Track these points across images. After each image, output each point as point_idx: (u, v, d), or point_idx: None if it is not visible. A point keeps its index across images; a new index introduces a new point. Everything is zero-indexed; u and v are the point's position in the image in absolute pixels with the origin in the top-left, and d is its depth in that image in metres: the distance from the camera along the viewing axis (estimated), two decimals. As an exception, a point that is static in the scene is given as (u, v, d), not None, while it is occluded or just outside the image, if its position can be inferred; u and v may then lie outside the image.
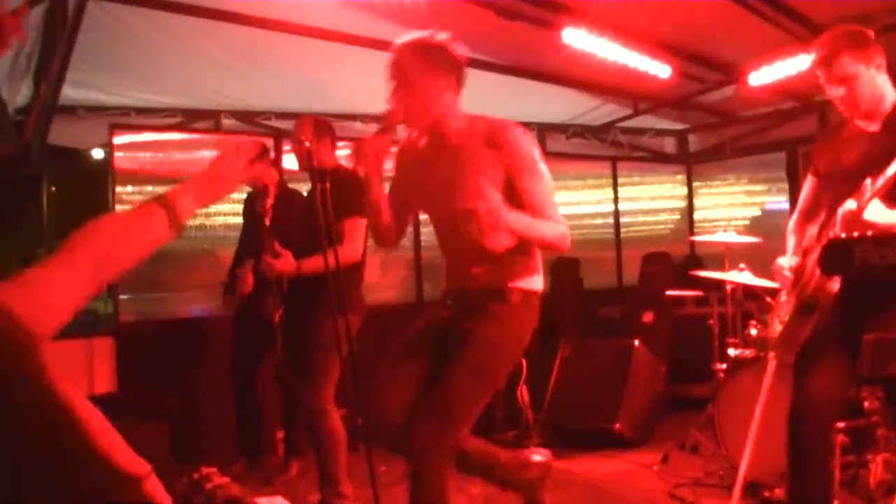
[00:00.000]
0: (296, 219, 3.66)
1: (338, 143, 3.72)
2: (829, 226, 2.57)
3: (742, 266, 4.06)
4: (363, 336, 3.44)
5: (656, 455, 4.28)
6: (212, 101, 5.23)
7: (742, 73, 5.14)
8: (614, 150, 7.19)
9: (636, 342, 4.84)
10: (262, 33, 4.10)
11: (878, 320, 2.51)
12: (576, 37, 4.27)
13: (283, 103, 5.45)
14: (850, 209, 2.41)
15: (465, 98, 2.49)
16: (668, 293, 5.57)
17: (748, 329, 4.00)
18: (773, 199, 7.04)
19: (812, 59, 2.61)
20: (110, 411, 0.89)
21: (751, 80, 5.14)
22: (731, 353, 4.03)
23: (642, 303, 5.99)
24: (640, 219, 7.53)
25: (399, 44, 2.38)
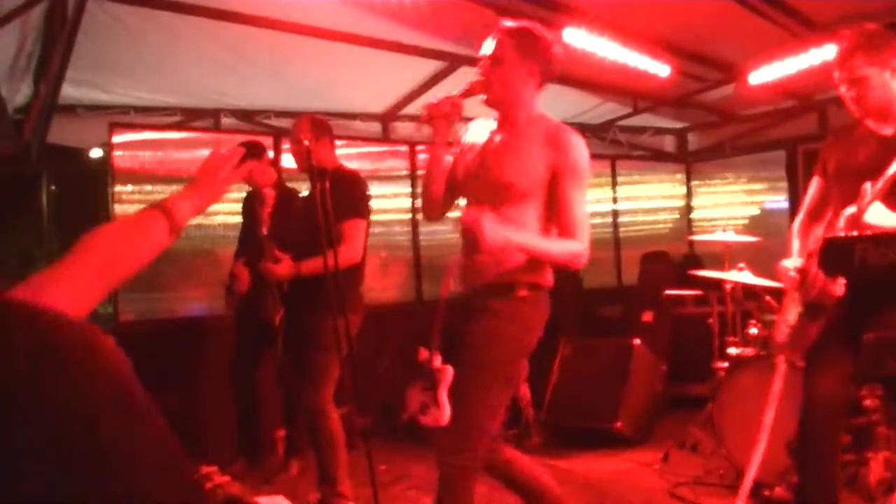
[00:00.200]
0: (295, 219, 3.66)
1: (336, 143, 3.72)
2: (835, 226, 2.57)
3: (741, 265, 4.06)
4: (363, 336, 3.44)
5: (656, 454, 4.28)
6: (211, 100, 5.22)
7: (742, 71, 5.13)
8: (613, 148, 7.18)
9: (636, 341, 4.85)
10: (261, 32, 4.09)
11: (879, 319, 2.51)
12: (576, 36, 4.27)
13: (282, 102, 5.44)
14: (851, 213, 2.41)
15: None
16: (668, 292, 5.58)
17: (748, 328, 4.01)
18: (773, 199, 7.03)
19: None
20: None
21: (750, 79, 5.13)
22: (731, 351, 4.03)
23: (642, 302, 5.99)
24: (639, 218, 7.51)
25: (506, 24, 2.47)
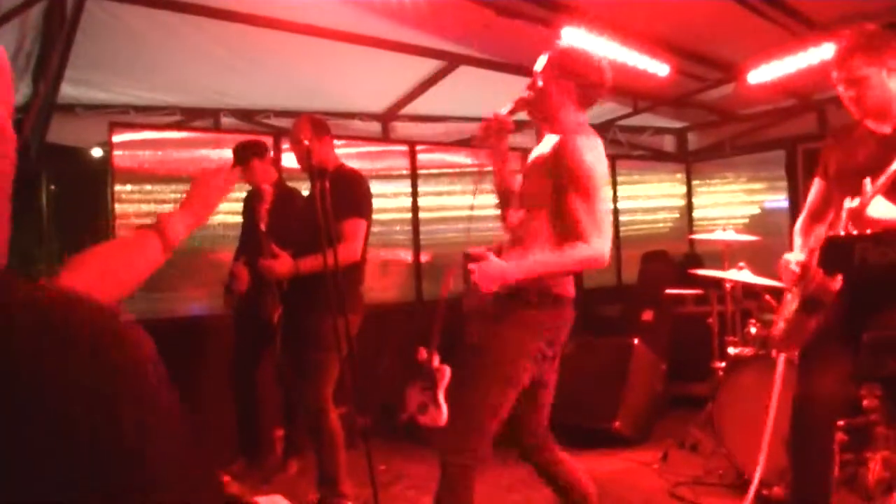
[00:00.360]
0: (296, 218, 3.65)
1: (334, 142, 3.71)
2: (836, 226, 2.57)
3: (741, 264, 4.06)
4: (363, 336, 3.44)
5: (656, 453, 4.28)
6: (211, 99, 5.22)
7: (741, 71, 5.13)
8: (613, 148, 7.17)
9: (636, 341, 4.84)
10: (261, 32, 4.09)
11: (878, 319, 2.51)
12: (575, 35, 4.27)
13: (282, 102, 5.44)
14: (853, 206, 2.40)
15: (464, 95, 2.50)
16: (668, 292, 5.58)
17: (748, 327, 4.01)
18: (773, 198, 7.03)
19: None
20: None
21: (750, 79, 5.13)
22: (731, 351, 4.03)
23: (642, 301, 5.99)
24: (639, 217, 7.51)
25: (559, 45, 2.64)
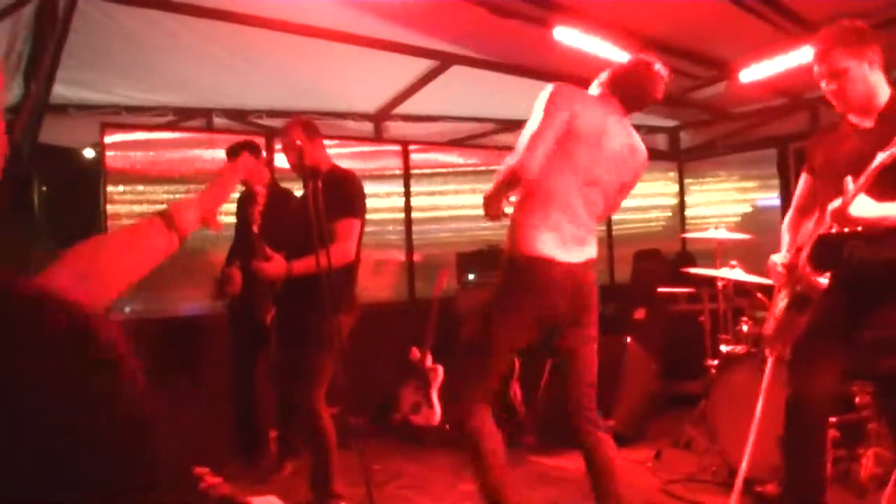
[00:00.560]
0: (290, 220, 3.65)
1: (326, 142, 3.70)
2: (823, 222, 2.59)
3: (733, 263, 4.08)
4: (356, 336, 3.44)
5: (649, 451, 4.29)
6: (204, 99, 5.21)
7: (733, 69, 5.14)
8: (606, 147, 7.17)
9: (629, 339, 4.85)
10: (254, 31, 4.09)
11: (871, 318, 2.52)
12: (567, 34, 4.28)
13: (275, 102, 5.43)
14: (835, 206, 2.42)
15: (459, 94, 2.50)
16: (660, 290, 5.59)
17: (740, 325, 4.03)
18: (765, 196, 7.05)
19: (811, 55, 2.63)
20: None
21: (742, 77, 5.14)
22: (723, 349, 4.04)
23: (634, 300, 6.00)
24: (631, 216, 7.52)
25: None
